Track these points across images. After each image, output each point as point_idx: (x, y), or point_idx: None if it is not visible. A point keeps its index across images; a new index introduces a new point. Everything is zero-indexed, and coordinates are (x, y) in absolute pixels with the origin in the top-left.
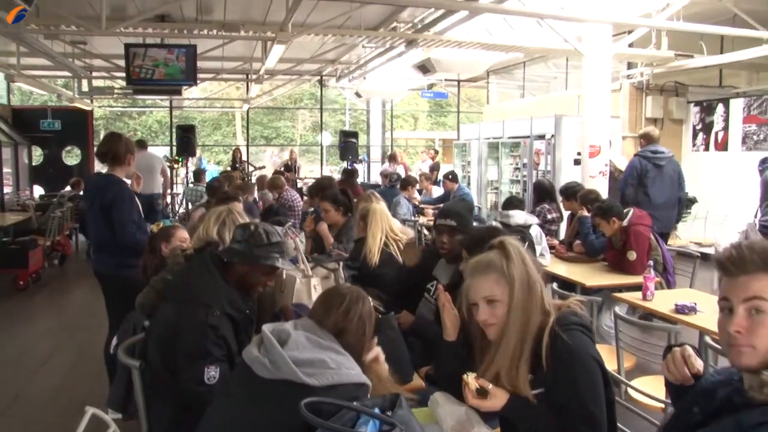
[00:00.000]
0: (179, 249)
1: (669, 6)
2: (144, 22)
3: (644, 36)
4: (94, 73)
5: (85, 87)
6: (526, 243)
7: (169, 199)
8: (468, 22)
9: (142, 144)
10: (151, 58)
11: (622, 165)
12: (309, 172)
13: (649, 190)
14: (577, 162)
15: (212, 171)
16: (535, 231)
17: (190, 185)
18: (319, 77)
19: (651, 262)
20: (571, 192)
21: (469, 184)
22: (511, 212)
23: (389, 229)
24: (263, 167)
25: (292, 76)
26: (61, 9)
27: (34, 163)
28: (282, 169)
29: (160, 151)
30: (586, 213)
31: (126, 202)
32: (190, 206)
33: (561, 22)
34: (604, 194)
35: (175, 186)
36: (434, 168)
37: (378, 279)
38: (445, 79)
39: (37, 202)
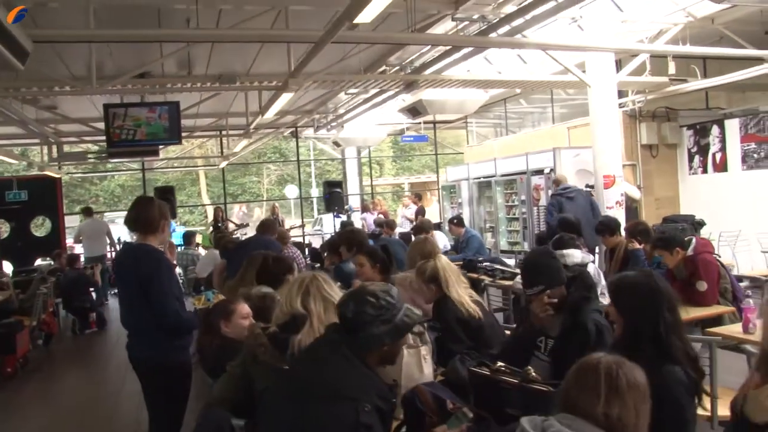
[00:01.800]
0: (257, 328)
1: (662, 33)
2: (131, 80)
3: (639, 64)
4: (62, 138)
5: (54, 153)
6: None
7: None
8: (454, 63)
9: (89, 211)
10: (132, 117)
11: (635, 193)
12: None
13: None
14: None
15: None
16: (592, 269)
17: (179, 249)
18: (293, 129)
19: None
20: (615, 225)
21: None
22: (567, 251)
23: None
24: (247, 225)
25: (269, 129)
26: (33, 72)
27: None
28: None
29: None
30: (637, 246)
31: (165, 274)
32: (182, 272)
33: (564, 54)
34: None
35: None
36: (420, 213)
37: (481, 332)
38: (423, 122)
39: (13, 279)
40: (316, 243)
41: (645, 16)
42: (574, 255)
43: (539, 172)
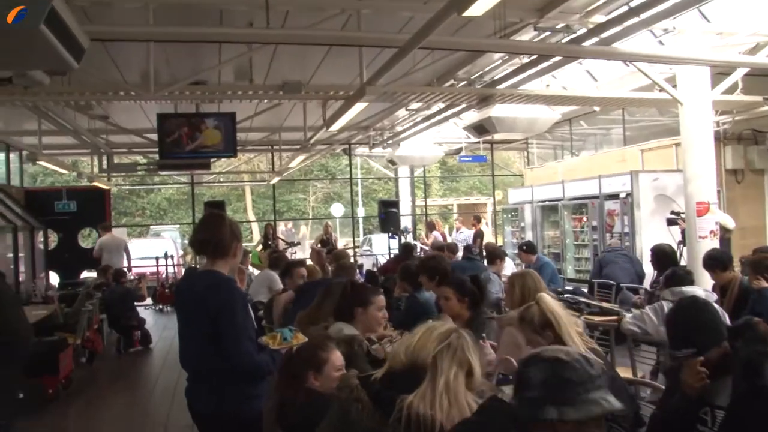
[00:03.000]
0: (354, 379)
1: (759, 47)
2: (187, 86)
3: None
4: (113, 150)
5: (104, 164)
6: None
7: None
8: (527, 79)
9: (107, 228)
10: (186, 128)
11: (729, 223)
12: (343, 245)
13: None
14: (672, 222)
15: None
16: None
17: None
18: (347, 146)
19: None
20: (728, 259)
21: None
22: (686, 288)
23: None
24: (298, 243)
25: (323, 146)
26: (87, 78)
27: (48, 248)
28: (318, 245)
29: (171, 231)
30: (765, 284)
31: (239, 309)
32: None
33: (651, 69)
34: None
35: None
36: (478, 236)
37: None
38: (483, 141)
39: (60, 293)
40: (368, 264)
41: (742, 28)
42: (696, 293)
43: (613, 196)
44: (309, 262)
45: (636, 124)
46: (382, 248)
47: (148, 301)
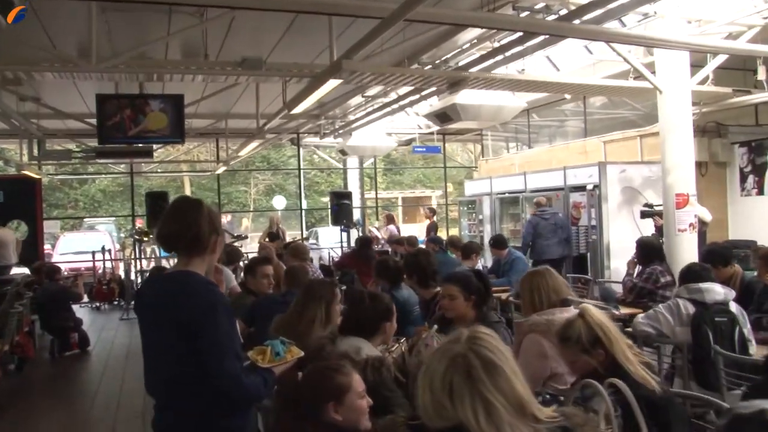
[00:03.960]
0: (399, 417)
1: (735, 35)
2: (132, 60)
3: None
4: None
5: (35, 151)
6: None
7: (139, 283)
8: (494, 65)
9: None
10: (128, 110)
11: (706, 216)
12: (291, 238)
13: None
14: (646, 215)
15: None
16: (735, 308)
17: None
18: (295, 135)
19: None
20: (729, 254)
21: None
22: (704, 285)
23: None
24: (245, 237)
25: (270, 135)
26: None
27: None
28: (266, 239)
29: (107, 224)
30: None
31: (223, 320)
32: None
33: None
34: (695, 250)
35: (137, 263)
36: (432, 229)
37: (665, 414)
38: (437, 132)
39: None
40: (316, 258)
41: (719, 16)
42: (715, 291)
43: (579, 188)
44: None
45: (594, 116)
46: (328, 241)
47: (84, 298)
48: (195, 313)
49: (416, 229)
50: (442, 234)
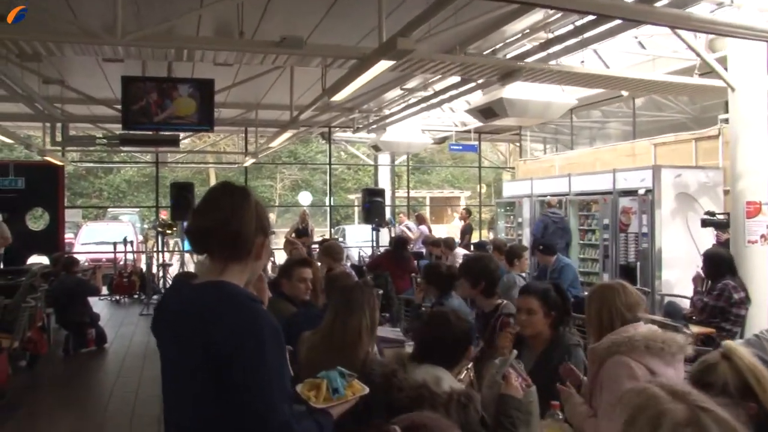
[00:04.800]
0: None
1: None
2: (165, 35)
3: None
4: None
5: (58, 137)
6: None
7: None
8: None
9: None
10: (155, 94)
11: None
12: (320, 236)
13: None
14: (708, 223)
15: None
16: None
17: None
18: (327, 129)
19: None
20: None
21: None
22: None
23: None
24: (272, 233)
25: (303, 127)
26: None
27: None
28: (293, 235)
29: (130, 215)
30: None
31: (270, 348)
32: None
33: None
34: (765, 265)
35: (158, 258)
36: (467, 231)
37: None
38: (474, 131)
39: None
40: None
41: None
42: None
43: (629, 192)
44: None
45: (640, 118)
46: (356, 240)
47: (103, 291)
48: (232, 340)
49: (444, 230)
50: (475, 236)
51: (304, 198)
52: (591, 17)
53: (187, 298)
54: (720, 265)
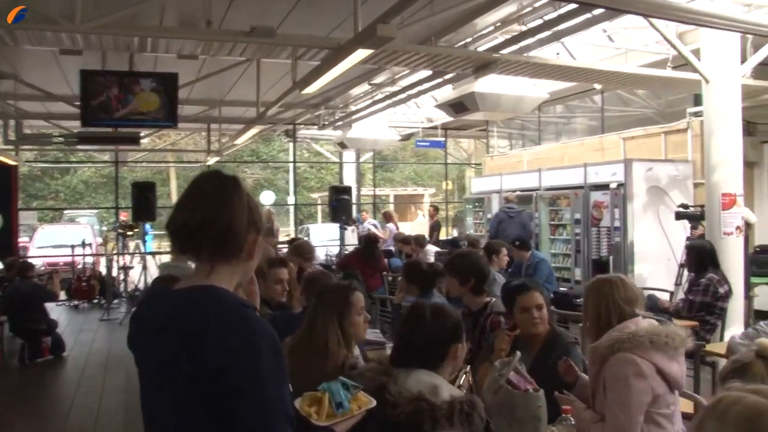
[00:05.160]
0: None
1: None
2: (128, 23)
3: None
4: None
5: (11, 135)
6: None
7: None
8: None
9: None
10: (116, 89)
11: (751, 217)
12: (285, 235)
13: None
14: (681, 216)
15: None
16: None
17: (168, 262)
18: (291, 126)
19: None
20: None
21: None
22: None
23: None
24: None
25: (266, 124)
26: None
27: None
28: None
29: (88, 216)
30: None
31: (270, 366)
32: None
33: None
34: (741, 256)
35: (119, 260)
36: (435, 228)
37: None
38: (441, 126)
39: None
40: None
41: None
42: None
43: (601, 186)
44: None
45: (607, 113)
46: (320, 239)
47: (61, 296)
48: (224, 354)
49: (409, 228)
50: (442, 234)
51: (267, 197)
52: (563, 9)
53: (170, 307)
54: (703, 258)
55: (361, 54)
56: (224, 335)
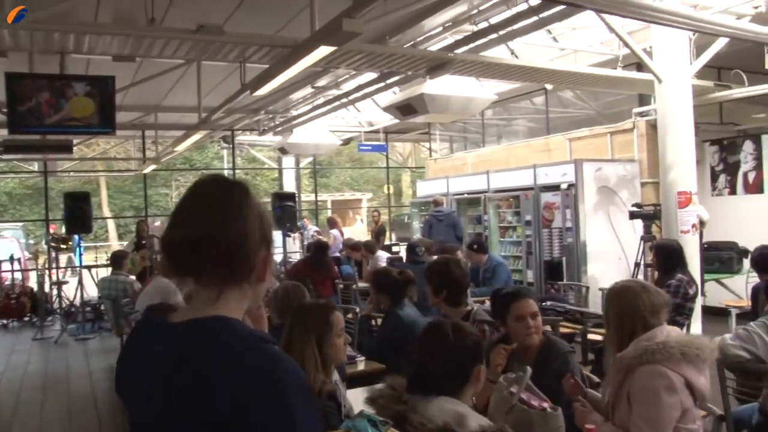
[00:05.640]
0: None
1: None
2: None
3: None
4: None
5: None
6: None
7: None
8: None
9: None
10: (47, 94)
11: (704, 215)
12: None
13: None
14: (636, 215)
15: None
16: None
17: (108, 277)
18: (230, 131)
19: None
20: None
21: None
22: None
23: None
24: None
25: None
26: None
27: None
28: None
29: (13, 230)
30: None
31: (299, 412)
32: (109, 313)
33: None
34: (698, 254)
35: (51, 276)
36: (380, 233)
37: None
38: (382, 130)
39: None
40: None
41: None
42: None
43: (551, 188)
44: None
45: (550, 114)
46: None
47: None
48: (245, 403)
49: (349, 233)
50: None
51: None
52: (516, 10)
53: (171, 344)
54: (672, 258)
55: (323, 51)
56: (242, 376)
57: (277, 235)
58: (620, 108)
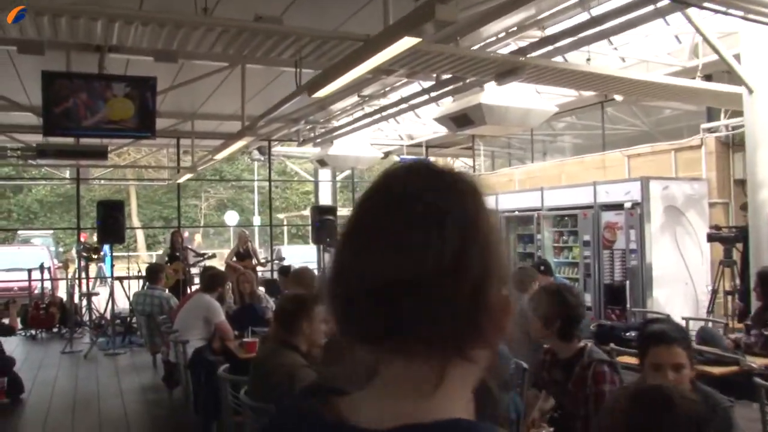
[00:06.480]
0: None
1: None
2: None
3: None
4: None
5: None
6: None
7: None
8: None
9: None
10: (84, 95)
11: None
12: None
13: None
14: (714, 238)
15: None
16: None
17: (143, 291)
18: (267, 142)
19: None
20: None
21: None
22: None
23: None
24: (213, 256)
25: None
26: None
27: None
28: (234, 259)
29: (44, 237)
30: None
31: None
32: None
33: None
34: None
35: (81, 286)
36: None
37: None
38: (425, 144)
39: None
40: None
41: None
42: None
43: (613, 206)
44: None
45: (595, 132)
46: (291, 262)
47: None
48: None
49: None
50: None
51: (231, 218)
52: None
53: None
54: None
55: (405, 44)
56: None
57: (303, 249)
58: (677, 124)
